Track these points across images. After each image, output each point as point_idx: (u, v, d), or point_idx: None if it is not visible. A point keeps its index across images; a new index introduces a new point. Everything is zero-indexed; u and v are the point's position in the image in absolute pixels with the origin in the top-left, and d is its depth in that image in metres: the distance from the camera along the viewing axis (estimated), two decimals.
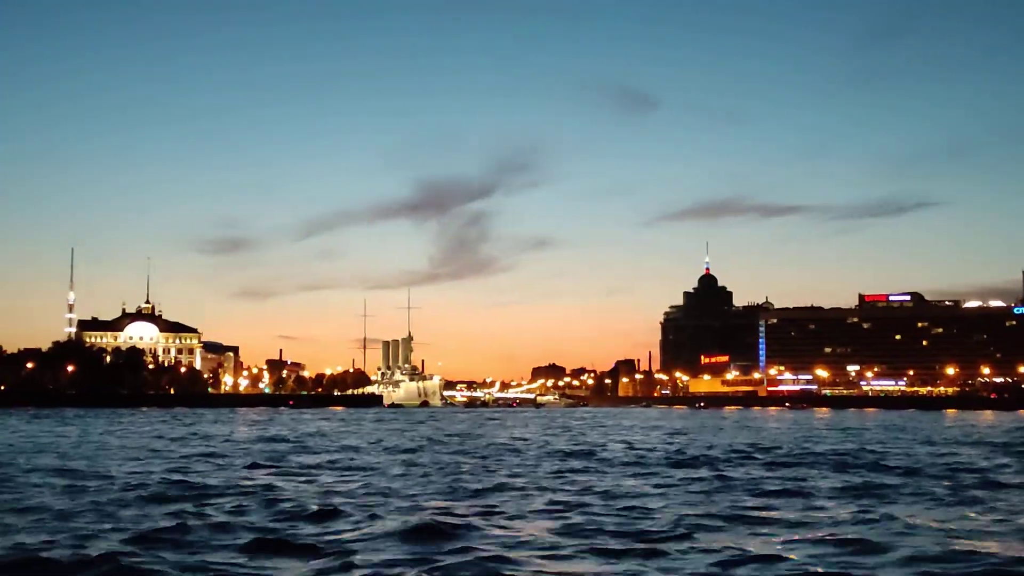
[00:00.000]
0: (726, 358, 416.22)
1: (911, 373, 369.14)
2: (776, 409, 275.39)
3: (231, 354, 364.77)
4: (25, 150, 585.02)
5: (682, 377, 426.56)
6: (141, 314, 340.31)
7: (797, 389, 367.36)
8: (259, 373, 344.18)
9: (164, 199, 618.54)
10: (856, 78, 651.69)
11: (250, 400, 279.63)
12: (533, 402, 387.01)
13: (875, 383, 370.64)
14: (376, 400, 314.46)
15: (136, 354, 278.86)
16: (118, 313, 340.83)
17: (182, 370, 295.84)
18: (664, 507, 29.05)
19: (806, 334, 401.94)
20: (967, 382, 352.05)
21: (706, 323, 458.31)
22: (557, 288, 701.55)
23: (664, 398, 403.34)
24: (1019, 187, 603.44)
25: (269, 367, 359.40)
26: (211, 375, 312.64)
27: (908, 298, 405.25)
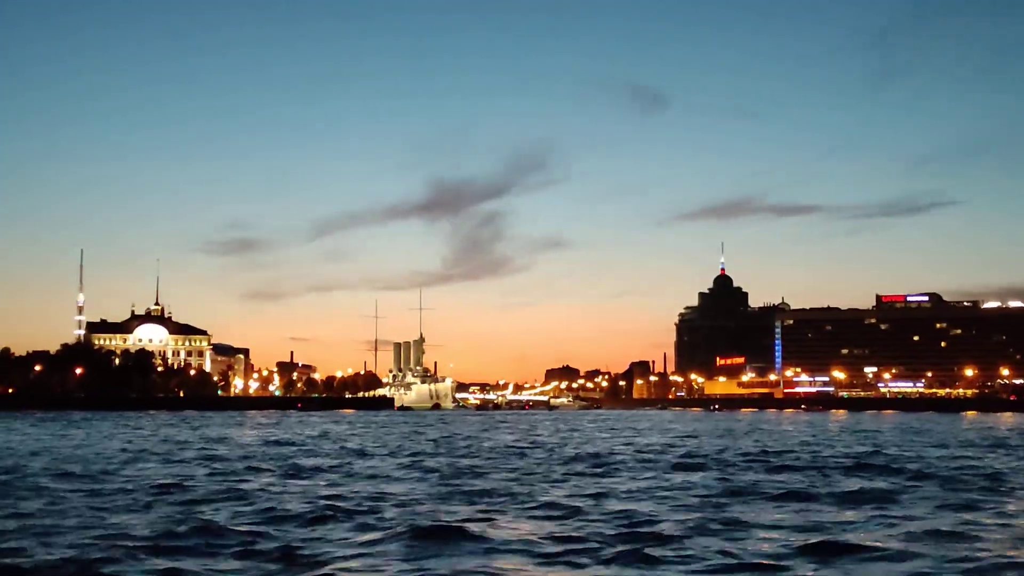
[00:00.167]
0: (742, 360, 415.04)
1: (929, 375, 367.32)
2: (792, 411, 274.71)
3: (241, 356, 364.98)
4: (33, 151, 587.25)
5: (697, 379, 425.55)
6: (150, 316, 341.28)
7: (813, 391, 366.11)
8: (269, 375, 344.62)
9: (173, 200, 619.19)
10: (873, 75, 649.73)
11: (260, 403, 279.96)
12: (546, 404, 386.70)
13: (893, 385, 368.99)
14: (387, 403, 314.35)
15: (145, 356, 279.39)
16: (127, 315, 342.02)
17: (191, 373, 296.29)
18: (661, 512, 28.86)
19: (822, 335, 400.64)
20: (986, 384, 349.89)
21: (721, 324, 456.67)
22: (571, 289, 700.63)
23: (679, 400, 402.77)
24: None
25: (279, 369, 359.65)
26: (221, 378, 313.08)
27: (926, 298, 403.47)
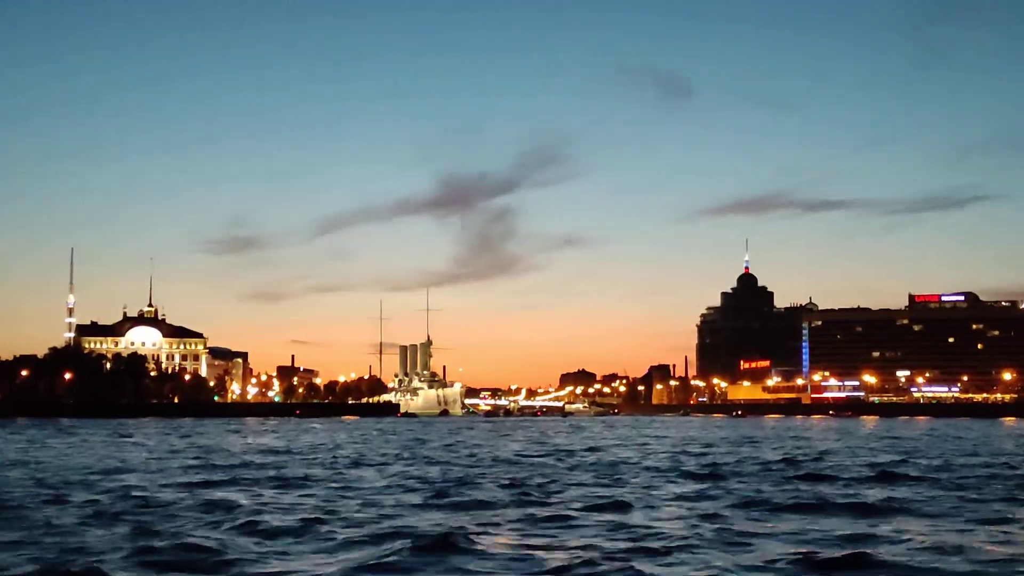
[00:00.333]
0: (767, 363, 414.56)
1: (965, 379, 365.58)
2: (820, 417, 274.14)
3: (239, 360, 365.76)
4: (22, 145, 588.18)
5: (720, 383, 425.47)
6: (143, 318, 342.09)
7: (843, 396, 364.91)
8: (269, 380, 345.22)
9: (168, 196, 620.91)
10: (908, 64, 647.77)
11: (259, 409, 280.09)
12: (561, 411, 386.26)
13: (926, 389, 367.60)
14: (392, 409, 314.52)
15: (138, 361, 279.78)
16: (119, 317, 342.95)
17: (186, 377, 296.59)
18: (654, 524, 28.39)
19: (853, 337, 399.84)
20: None
21: (746, 325, 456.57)
22: (587, 289, 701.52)
23: (701, 406, 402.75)
24: None
25: (279, 374, 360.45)
26: (217, 383, 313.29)
27: (962, 298, 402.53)
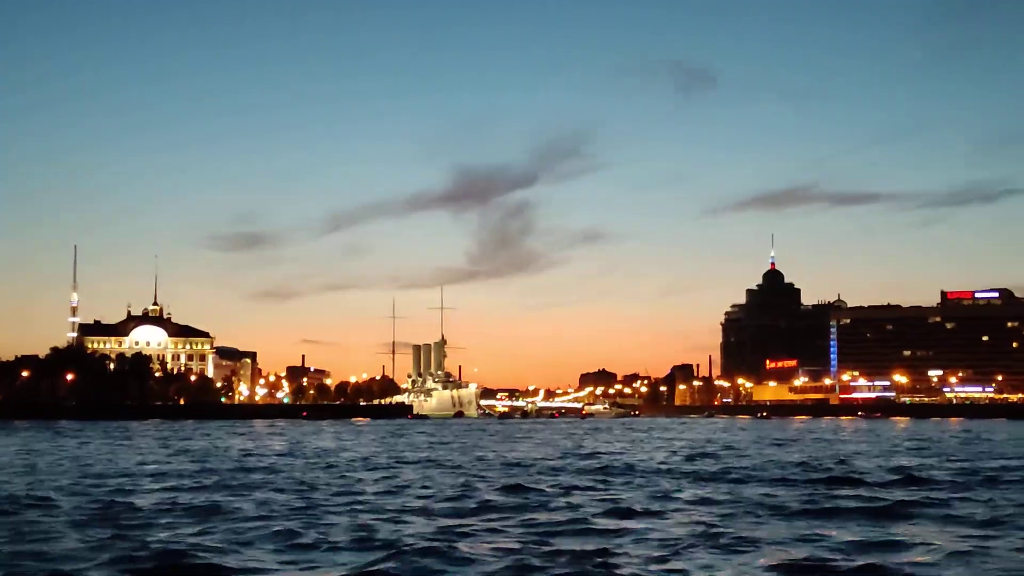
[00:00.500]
0: (794, 363, 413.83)
1: (1000, 378, 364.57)
2: (849, 419, 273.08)
3: (248, 361, 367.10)
4: (24, 138, 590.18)
5: (745, 384, 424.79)
6: (148, 317, 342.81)
7: (873, 396, 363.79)
8: (277, 381, 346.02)
9: (174, 191, 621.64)
10: (939, 52, 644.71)
11: (267, 411, 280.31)
12: (580, 412, 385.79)
13: (959, 389, 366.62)
14: (406, 410, 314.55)
15: (142, 361, 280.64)
16: (123, 316, 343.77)
17: (192, 378, 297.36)
18: (651, 528, 28.25)
19: (883, 335, 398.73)
20: None
21: (771, 324, 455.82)
22: (607, 286, 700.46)
23: (725, 407, 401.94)
24: None
25: (289, 375, 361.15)
26: (225, 384, 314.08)
27: (996, 295, 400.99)
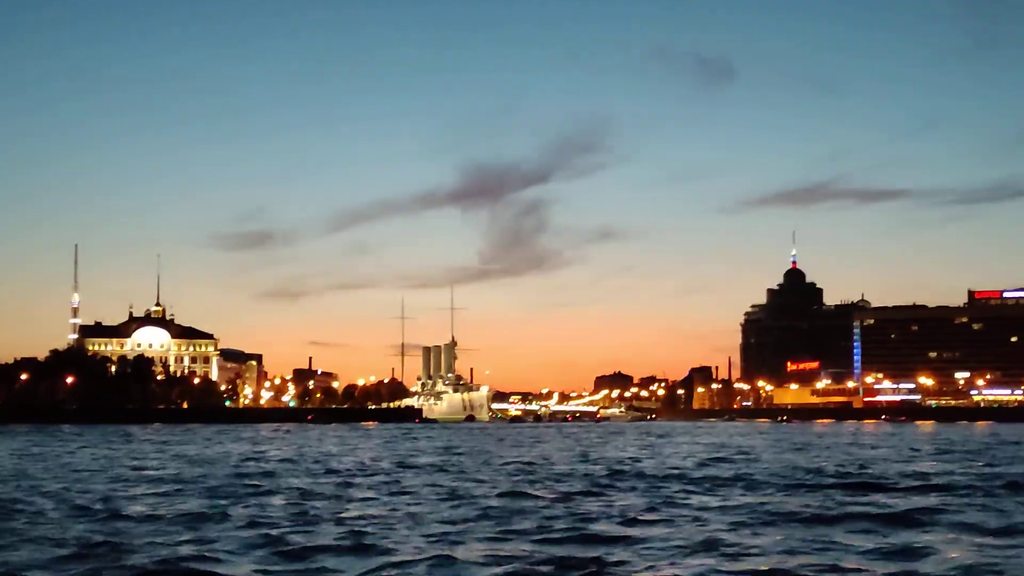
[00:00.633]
0: (816, 364, 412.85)
1: None
2: (872, 422, 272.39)
3: (253, 363, 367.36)
4: (24, 137, 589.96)
5: (765, 386, 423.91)
6: (150, 318, 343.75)
7: (897, 400, 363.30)
8: (283, 384, 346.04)
9: (176, 188, 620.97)
10: (967, 44, 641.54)
11: (272, 415, 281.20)
12: (594, 415, 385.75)
13: (987, 392, 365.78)
14: (414, 414, 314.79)
15: (144, 363, 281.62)
16: (124, 317, 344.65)
17: (196, 381, 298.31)
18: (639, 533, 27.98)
19: (908, 336, 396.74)
20: None
21: (793, 325, 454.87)
22: (624, 286, 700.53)
23: (745, 410, 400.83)
24: None
25: (295, 377, 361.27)
26: (229, 387, 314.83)
27: None
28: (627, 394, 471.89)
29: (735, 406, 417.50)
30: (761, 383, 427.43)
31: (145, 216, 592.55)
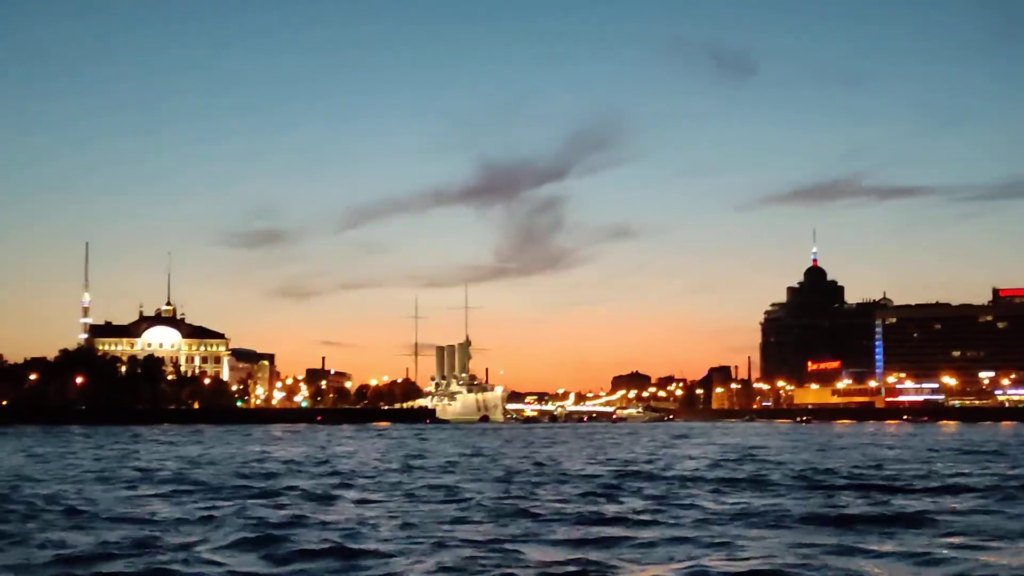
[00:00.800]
0: (837, 364, 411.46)
1: None
2: (894, 423, 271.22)
3: (265, 363, 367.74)
4: (33, 135, 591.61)
5: (785, 387, 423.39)
6: (161, 318, 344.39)
7: (920, 400, 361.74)
8: (295, 384, 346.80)
9: (186, 186, 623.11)
10: (992, 38, 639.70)
11: (284, 415, 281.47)
12: (611, 416, 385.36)
13: (1012, 392, 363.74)
14: (427, 414, 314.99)
15: (154, 363, 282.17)
16: (135, 316, 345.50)
17: (207, 381, 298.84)
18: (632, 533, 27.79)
19: (931, 335, 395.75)
20: None
21: (813, 323, 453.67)
22: (641, 284, 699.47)
23: (764, 411, 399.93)
24: None
25: (308, 377, 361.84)
26: (240, 387, 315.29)
27: None
28: (644, 394, 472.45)
29: (755, 406, 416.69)
30: (781, 383, 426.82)
31: (156, 214, 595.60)
